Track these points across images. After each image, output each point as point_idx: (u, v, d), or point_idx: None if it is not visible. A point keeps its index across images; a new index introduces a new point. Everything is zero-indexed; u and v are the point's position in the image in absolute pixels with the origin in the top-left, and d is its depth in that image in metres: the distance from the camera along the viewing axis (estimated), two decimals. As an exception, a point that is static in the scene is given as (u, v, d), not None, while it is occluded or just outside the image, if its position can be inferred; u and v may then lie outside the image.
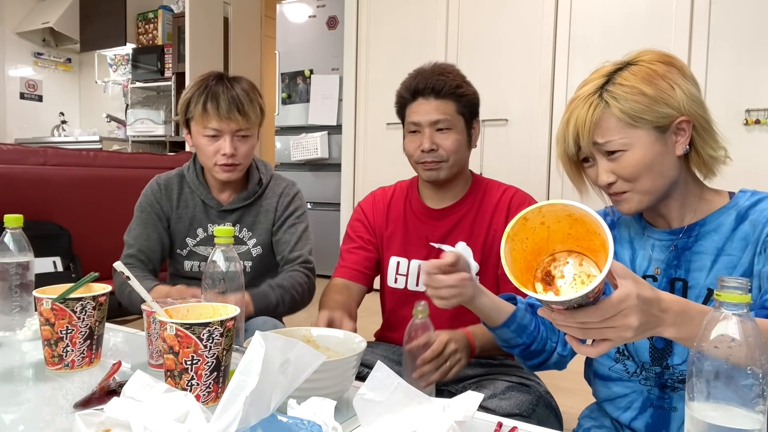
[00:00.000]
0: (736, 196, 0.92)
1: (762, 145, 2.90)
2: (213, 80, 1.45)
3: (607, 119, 0.88)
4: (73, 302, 0.94)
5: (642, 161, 0.88)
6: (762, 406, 0.57)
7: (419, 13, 3.85)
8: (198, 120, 1.44)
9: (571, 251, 0.68)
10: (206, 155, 1.46)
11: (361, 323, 1.48)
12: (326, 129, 4.56)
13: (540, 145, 3.46)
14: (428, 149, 1.28)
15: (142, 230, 1.52)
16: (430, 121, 1.28)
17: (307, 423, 0.60)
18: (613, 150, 0.88)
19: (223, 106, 1.40)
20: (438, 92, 1.28)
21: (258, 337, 0.56)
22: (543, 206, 0.66)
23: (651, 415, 0.95)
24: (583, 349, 0.70)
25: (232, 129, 1.43)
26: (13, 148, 2.35)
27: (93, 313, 0.96)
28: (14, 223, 1.14)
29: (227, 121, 1.41)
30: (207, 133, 1.44)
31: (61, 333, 0.94)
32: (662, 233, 0.96)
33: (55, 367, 0.95)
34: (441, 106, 1.28)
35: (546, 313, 0.69)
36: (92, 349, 0.97)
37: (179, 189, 1.56)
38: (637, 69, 0.89)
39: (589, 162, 0.95)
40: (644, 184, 0.89)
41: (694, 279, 0.91)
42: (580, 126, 0.89)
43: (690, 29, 3.00)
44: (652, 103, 0.87)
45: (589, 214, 0.64)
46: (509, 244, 0.66)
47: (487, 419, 0.79)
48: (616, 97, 0.87)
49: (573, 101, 0.92)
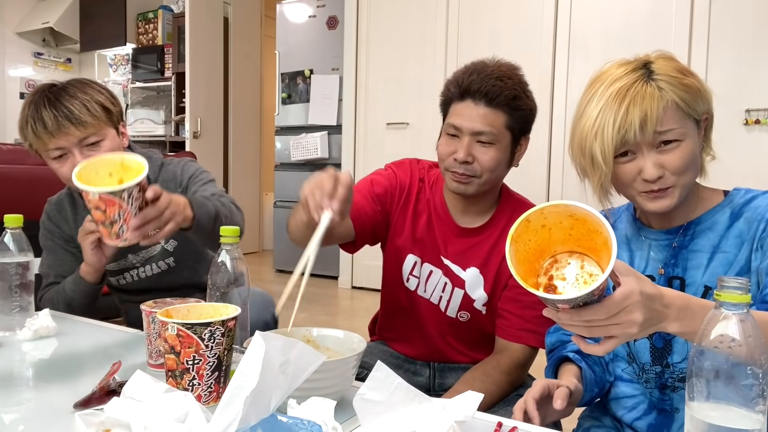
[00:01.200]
0: (730, 194, 0.93)
1: (762, 145, 2.90)
2: (38, 97, 1.25)
3: (668, 107, 0.84)
4: (120, 192, 0.92)
5: (691, 154, 0.86)
6: (762, 406, 0.57)
7: (419, 13, 3.85)
8: (38, 147, 1.27)
9: (573, 252, 0.69)
10: (63, 178, 1.29)
11: (361, 323, 1.48)
12: (326, 129, 4.57)
13: (540, 145, 3.46)
14: (462, 160, 1.13)
15: (53, 259, 1.43)
16: (473, 130, 1.13)
17: (307, 423, 0.60)
18: (671, 140, 0.85)
19: (50, 124, 1.22)
20: (491, 99, 1.11)
21: (258, 337, 0.56)
22: (545, 207, 0.66)
23: (655, 417, 0.96)
24: (590, 348, 0.70)
25: (71, 143, 1.24)
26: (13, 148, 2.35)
27: (139, 197, 0.94)
28: (14, 223, 1.14)
29: (63, 136, 1.23)
30: (52, 155, 1.26)
31: (114, 217, 0.92)
32: (659, 233, 0.96)
33: (114, 242, 0.96)
34: (489, 116, 1.12)
35: (551, 314, 0.69)
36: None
37: (72, 208, 1.44)
38: (666, 63, 0.87)
39: (627, 156, 0.88)
40: (687, 178, 0.87)
41: (691, 277, 0.92)
42: (649, 113, 0.83)
43: (690, 29, 3.00)
44: (696, 94, 0.86)
45: (591, 213, 0.64)
46: (513, 246, 0.66)
47: (487, 419, 0.79)
48: (672, 86, 0.84)
49: (624, 89, 0.85)
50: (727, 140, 2.92)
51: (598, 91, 0.87)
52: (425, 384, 1.32)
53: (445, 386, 1.30)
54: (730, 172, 2.95)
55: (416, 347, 1.32)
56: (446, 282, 1.25)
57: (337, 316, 3.60)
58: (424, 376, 1.32)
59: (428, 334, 1.29)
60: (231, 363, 0.84)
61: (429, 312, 1.27)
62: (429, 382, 1.32)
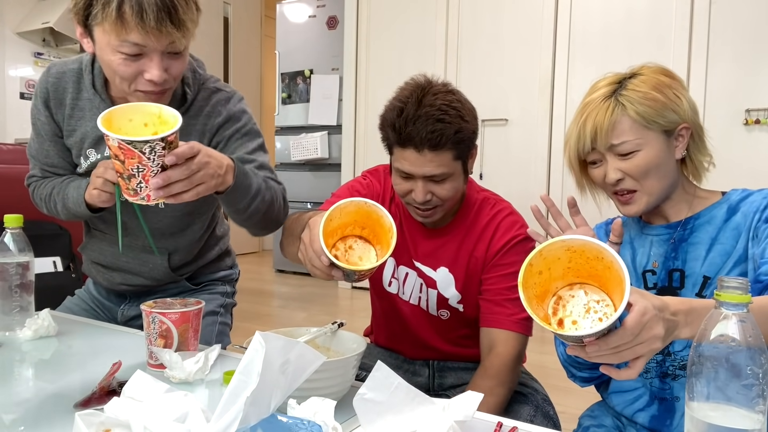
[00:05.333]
0: (727, 194, 0.99)
1: (762, 145, 2.90)
2: None
3: (623, 121, 0.93)
4: (141, 144, 0.84)
5: (652, 161, 0.94)
6: (762, 406, 0.57)
7: (419, 13, 3.85)
8: (109, 29, 1.00)
9: (572, 284, 0.69)
10: (121, 77, 1.05)
11: (361, 323, 1.48)
12: (326, 129, 4.57)
13: (540, 144, 3.47)
14: (422, 201, 1.12)
15: (39, 145, 1.25)
16: (425, 175, 1.10)
17: (307, 423, 0.60)
18: (627, 151, 0.94)
19: (149, 14, 0.97)
20: (434, 145, 1.07)
21: (258, 338, 0.56)
22: (543, 249, 0.66)
23: (657, 408, 0.97)
24: (622, 374, 0.70)
25: (162, 46, 1.02)
26: (13, 148, 2.35)
27: (164, 153, 0.86)
28: (14, 223, 1.14)
29: (156, 35, 1.00)
30: (123, 49, 1.01)
31: (132, 170, 0.87)
32: (660, 228, 1.01)
33: (132, 198, 0.90)
34: (437, 159, 1.08)
35: (576, 351, 0.69)
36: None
37: (75, 91, 1.20)
38: (645, 78, 0.95)
39: (596, 164, 0.99)
40: (650, 184, 0.95)
41: (690, 268, 0.96)
42: (599, 127, 0.94)
43: (690, 29, 3.00)
44: (662, 108, 0.93)
45: (587, 242, 0.65)
46: (525, 293, 0.66)
47: (487, 419, 0.79)
48: (632, 101, 0.93)
49: (587, 105, 0.97)
50: (727, 140, 2.92)
51: (580, 105, 1.00)
52: (425, 384, 1.32)
53: (444, 386, 1.31)
54: (730, 172, 2.95)
55: (410, 348, 1.33)
56: (421, 283, 1.26)
57: (337, 316, 3.59)
58: (424, 376, 1.32)
59: (416, 334, 1.29)
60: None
61: (413, 313, 1.28)
62: (428, 381, 1.32)
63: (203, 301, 1.00)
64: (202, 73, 1.27)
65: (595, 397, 1.12)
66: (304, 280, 4.61)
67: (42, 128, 1.24)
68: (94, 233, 1.37)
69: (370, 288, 1.36)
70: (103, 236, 1.35)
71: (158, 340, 0.94)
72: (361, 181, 1.32)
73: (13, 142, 5.18)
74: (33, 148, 1.28)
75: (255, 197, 1.11)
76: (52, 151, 1.25)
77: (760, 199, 0.93)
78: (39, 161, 1.28)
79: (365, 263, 0.92)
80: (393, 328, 1.34)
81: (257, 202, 1.12)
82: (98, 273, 1.40)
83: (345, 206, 0.90)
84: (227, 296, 1.46)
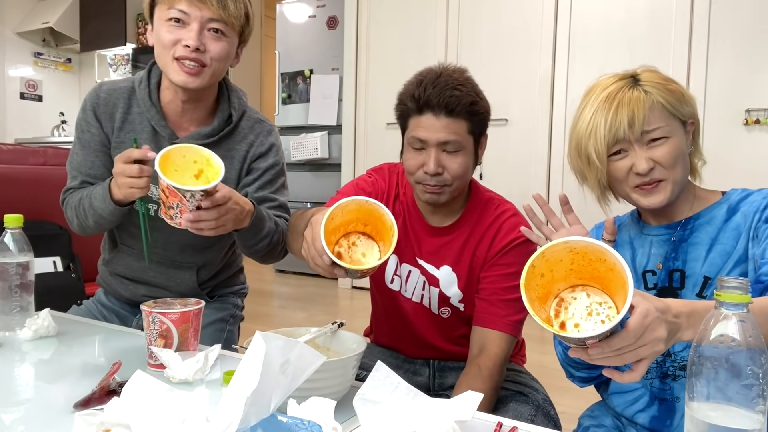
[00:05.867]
0: (727, 194, 0.99)
1: (762, 145, 2.90)
2: None
3: (654, 108, 0.93)
4: (184, 191, 0.99)
5: (679, 149, 0.94)
6: (762, 406, 0.57)
7: (419, 13, 3.85)
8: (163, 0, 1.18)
9: (574, 286, 0.69)
10: (163, 45, 1.18)
11: (361, 323, 1.48)
12: (326, 129, 4.57)
13: (540, 144, 3.47)
14: (433, 172, 1.14)
15: (83, 157, 1.29)
16: (439, 141, 1.13)
17: (307, 423, 0.60)
18: (658, 137, 0.93)
19: None
20: (451, 110, 1.12)
21: (258, 338, 0.56)
22: (545, 250, 0.66)
23: (657, 409, 0.97)
24: (625, 377, 0.70)
25: (203, 16, 1.17)
26: (13, 148, 2.35)
27: (202, 198, 1.02)
28: (14, 223, 1.14)
29: (198, 4, 1.16)
30: (171, 15, 1.17)
31: (172, 204, 1.02)
32: (660, 228, 1.01)
33: (166, 218, 1.05)
34: (452, 125, 1.12)
35: (579, 353, 0.69)
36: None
37: (126, 106, 1.29)
38: (652, 75, 0.96)
39: (620, 154, 0.95)
40: (678, 173, 0.94)
41: (691, 268, 0.96)
42: (635, 113, 0.91)
43: (690, 29, 3.00)
44: (681, 98, 0.95)
45: (590, 244, 0.65)
46: (528, 294, 0.66)
47: (487, 419, 0.79)
48: (657, 88, 0.93)
49: (612, 95, 0.94)
50: (727, 140, 2.92)
51: (590, 100, 0.97)
52: (425, 383, 1.32)
53: (445, 385, 1.31)
54: (730, 172, 2.96)
55: (410, 346, 1.33)
56: (424, 281, 1.26)
57: (337, 316, 3.59)
58: (424, 376, 1.32)
59: (417, 332, 1.29)
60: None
61: (414, 311, 1.28)
62: (429, 381, 1.32)
63: (203, 302, 1.00)
64: (245, 101, 1.39)
65: (595, 397, 1.12)
66: (304, 280, 4.61)
67: (91, 139, 1.29)
68: (121, 248, 1.40)
69: (371, 284, 1.36)
70: (131, 251, 1.39)
71: (158, 340, 0.94)
72: (367, 179, 1.33)
73: (13, 142, 5.18)
74: (75, 161, 1.31)
75: (263, 239, 1.25)
76: (98, 162, 1.30)
77: (760, 199, 0.92)
78: (82, 173, 1.30)
79: (368, 260, 0.93)
80: (394, 325, 1.34)
81: (263, 243, 1.26)
82: (120, 285, 1.42)
83: (346, 204, 0.90)
84: (237, 308, 1.52)
